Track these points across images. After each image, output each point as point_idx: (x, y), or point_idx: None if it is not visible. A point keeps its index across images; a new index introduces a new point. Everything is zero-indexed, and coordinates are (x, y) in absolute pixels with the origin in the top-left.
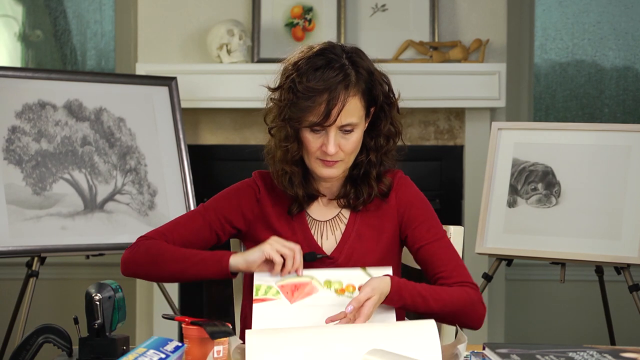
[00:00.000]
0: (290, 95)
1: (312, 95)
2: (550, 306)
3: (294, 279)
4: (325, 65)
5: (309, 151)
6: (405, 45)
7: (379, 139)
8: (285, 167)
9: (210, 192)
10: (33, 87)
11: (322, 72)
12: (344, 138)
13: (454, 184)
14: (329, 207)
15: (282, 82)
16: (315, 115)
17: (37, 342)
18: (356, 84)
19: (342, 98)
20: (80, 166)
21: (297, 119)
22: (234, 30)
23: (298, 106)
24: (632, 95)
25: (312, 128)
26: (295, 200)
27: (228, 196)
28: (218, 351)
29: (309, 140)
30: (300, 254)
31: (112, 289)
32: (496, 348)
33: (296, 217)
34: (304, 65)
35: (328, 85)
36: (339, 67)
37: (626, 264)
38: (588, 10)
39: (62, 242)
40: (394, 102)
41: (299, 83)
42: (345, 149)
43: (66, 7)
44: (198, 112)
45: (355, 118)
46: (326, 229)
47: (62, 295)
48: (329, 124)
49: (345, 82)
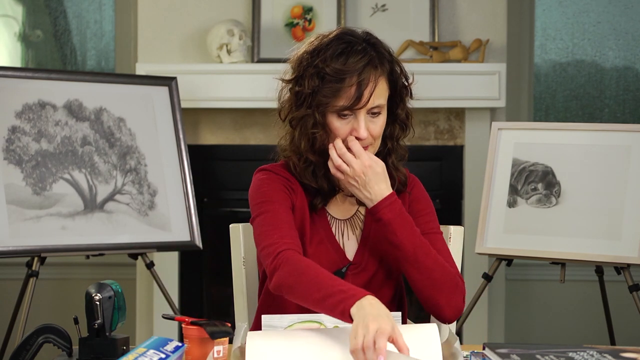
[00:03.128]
0: (316, 81)
1: (343, 77)
2: (550, 306)
3: (302, 324)
4: (347, 49)
5: (339, 138)
6: (405, 45)
7: (395, 125)
8: (311, 156)
9: (211, 192)
10: (33, 87)
11: (347, 56)
12: (372, 122)
13: (454, 184)
14: (346, 204)
15: (302, 70)
16: (346, 98)
17: (37, 342)
18: (381, 64)
19: (373, 79)
20: (80, 166)
21: (327, 103)
22: (234, 30)
23: (327, 90)
24: (632, 95)
25: (340, 113)
26: (318, 194)
27: (270, 186)
28: (218, 351)
29: (337, 127)
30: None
31: (112, 289)
32: (496, 348)
33: (318, 214)
34: (325, 51)
35: (357, 67)
36: (362, 50)
37: (626, 264)
38: (588, 10)
39: (62, 242)
40: (408, 87)
41: (327, 67)
42: (374, 133)
43: (66, 7)
44: (198, 112)
45: (382, 100)
46: (347, 228)
47: (62, 295)
48: (360, 107)
49: (373, 63)
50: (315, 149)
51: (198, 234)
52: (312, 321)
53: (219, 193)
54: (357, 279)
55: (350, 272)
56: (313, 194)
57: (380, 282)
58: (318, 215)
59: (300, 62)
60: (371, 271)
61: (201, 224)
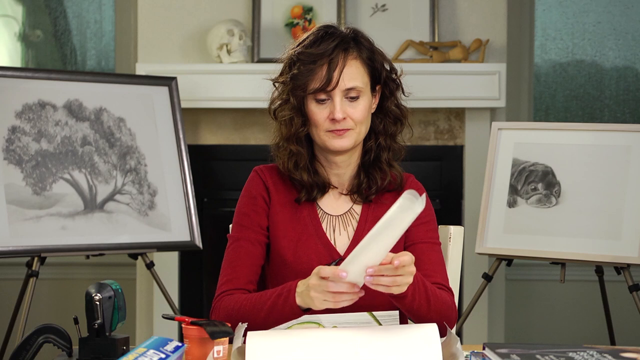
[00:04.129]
0: (292, 67)
1: (313, 60)
2: (550, 306)
3: (301, 325)
4: (324, 36)
5: (317, 123)
6: (405, 45)
7: (387, 120)
8: (291, 146)
9: (211, 192)
10: (33, 87)
11: (321, 41)
12: (351, 105)
13: (454, 184)
14: (340, 201)
15: (285, 65)
16: (318, 80)
17: (37, 342)
18: (356, 48)
19: (341, 58)
20: (80, 166)
21: (301, 86)
22: (234, 30)
23: (300, 74)
24: (632, 95)
25: (316, 97)
26: (303, 186)
27: (248, 205)
28: (218, 351)
29: (314, 112)
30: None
31: (112, 289)
32: (496, 348)
33: (306, 208)
34: (304, 41)
35: (327, 49)
36: (338, 35)
37: (626, 264)
38: (588, 10)
39: (62, 242)
40: (397, 80)
41: (300, 54)
42: (353, 116)
43: (66, 7)
44: (198, 112)
45: (358, 82)
46: (338, 223)
47: (62, 295)
48: (331, 88)
49: (344, 45)
50: (292, 135)
51: (198, 234)
52: (311, 322)
53: (219, 193)
54: None
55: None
56: (300, 188)
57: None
58: (308, 210)
59: (285, 58)
60: None
61: (201, 224)
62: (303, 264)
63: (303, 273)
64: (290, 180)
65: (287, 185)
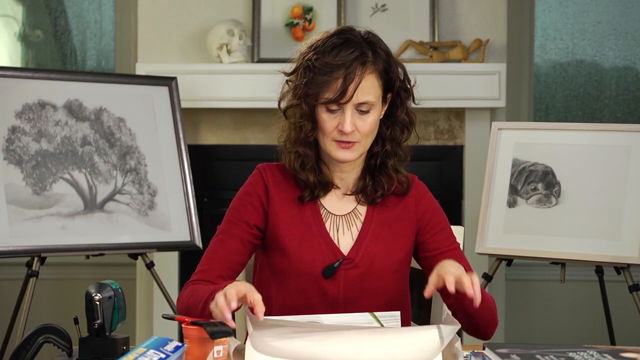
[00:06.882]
0: (307, 73)
1: (329, 71)
2: (550, 306)
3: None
4: (342, 44)
5: (325, 131)
6: (405, 45)
7: (395, 127)
8: (299, 148)
9: (211, 192)
10: (33, 87)
11: (339, 50)
12: (360, 118)
13: (454, 184)
14: (344, 201)
15: (299, 63)
16: (332, 91)
17: (37, 342)
18: (373, 62)
19: (358, 73)
20: (80, 166)
21: (314, 95)
22: (234, 30)
23: (314, 82)
24: (632, 95)
25: (328, 107)
26: (307, 186)
27: (241, 201)
28: (218, 351)
29: (324, 120)
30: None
31: (112, 289)
32: (496, 348)
33: (309, 207)
34: (321, 45)
35: (345, 61)
36: (356, 45)
37: (626, 264)
38: (588, 10)
39: (62, 242)
40: (410, 90)
41: (316, 60)
42: (361, 129)
43: (66, 7)
44: (198, 112)
45: (371, 97)
46: (342, 223)
47: (62, 295)
48: (345, 101)
49: (362, 58)
50: (301, 140)
51: (198, 234)
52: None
53: (219, 193)
54: (349, 274)
55: (342, 267)
56: (304, 187)
57: (373, 280)
58: (311, 209)
59: (300, 56)
60: (363, 268)
61: (201, 224)
62: (306, 263)
63: (306, 273)
64: (294, 179)
65: (290, 183)
